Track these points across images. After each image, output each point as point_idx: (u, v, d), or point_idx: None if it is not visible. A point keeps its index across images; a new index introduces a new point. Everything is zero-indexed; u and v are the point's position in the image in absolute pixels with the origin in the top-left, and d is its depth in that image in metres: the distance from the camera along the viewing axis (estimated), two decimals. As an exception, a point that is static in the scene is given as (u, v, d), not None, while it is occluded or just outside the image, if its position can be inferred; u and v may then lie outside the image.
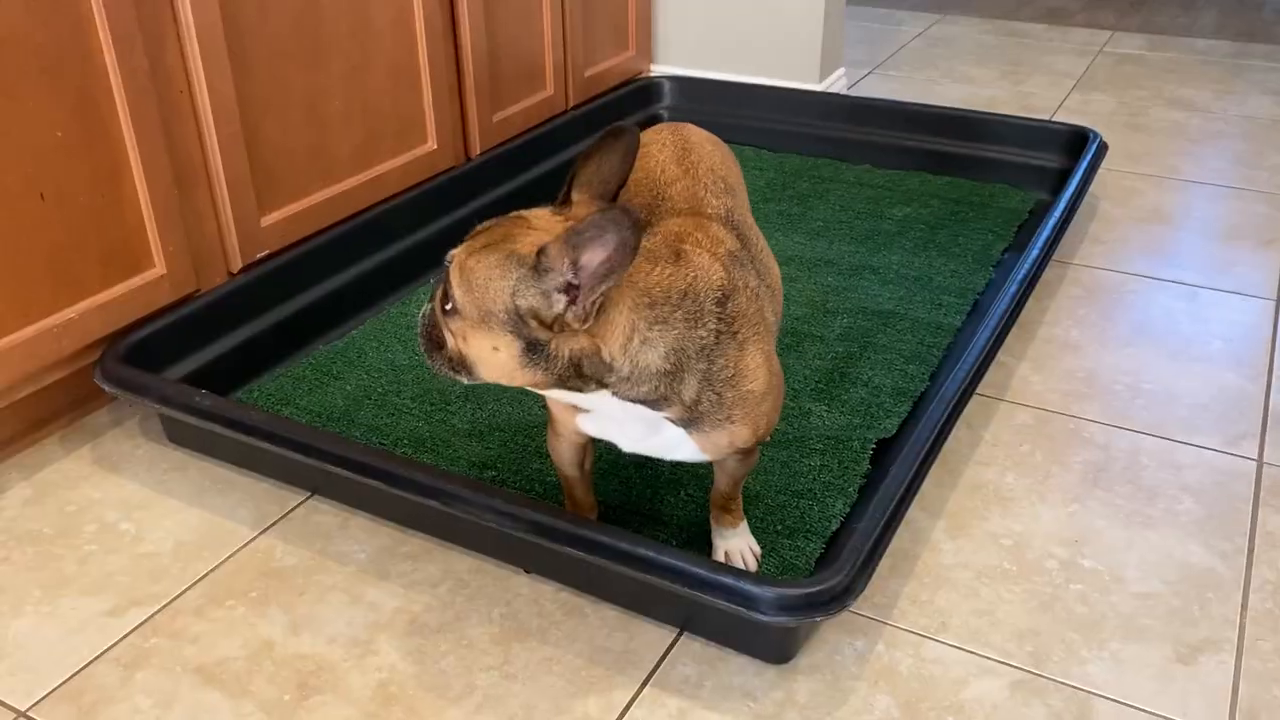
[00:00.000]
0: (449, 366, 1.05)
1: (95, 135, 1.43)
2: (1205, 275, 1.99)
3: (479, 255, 0.99)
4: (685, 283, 1.04)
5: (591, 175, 1.05)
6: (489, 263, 0.98)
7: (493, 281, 0.97)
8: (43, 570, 1.34)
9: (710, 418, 1.08)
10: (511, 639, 1.23)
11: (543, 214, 1.03)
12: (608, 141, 1.04)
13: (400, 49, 1.88)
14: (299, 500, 1.45)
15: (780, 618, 1.07)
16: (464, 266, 0.99)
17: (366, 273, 1.87)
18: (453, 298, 1.00)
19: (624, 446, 1.15)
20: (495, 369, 1.02)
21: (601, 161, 1.04)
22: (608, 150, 1.04)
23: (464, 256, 1.00)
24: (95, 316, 1.49)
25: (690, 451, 1.13)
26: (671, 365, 1.03)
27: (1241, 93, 2.93)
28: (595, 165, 1.04)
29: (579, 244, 0.93)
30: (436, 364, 1.06)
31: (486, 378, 1.04)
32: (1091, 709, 1.13)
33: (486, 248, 0.99)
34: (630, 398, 1.04)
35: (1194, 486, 1.45)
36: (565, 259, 0.94)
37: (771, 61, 2.64)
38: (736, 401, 1.08)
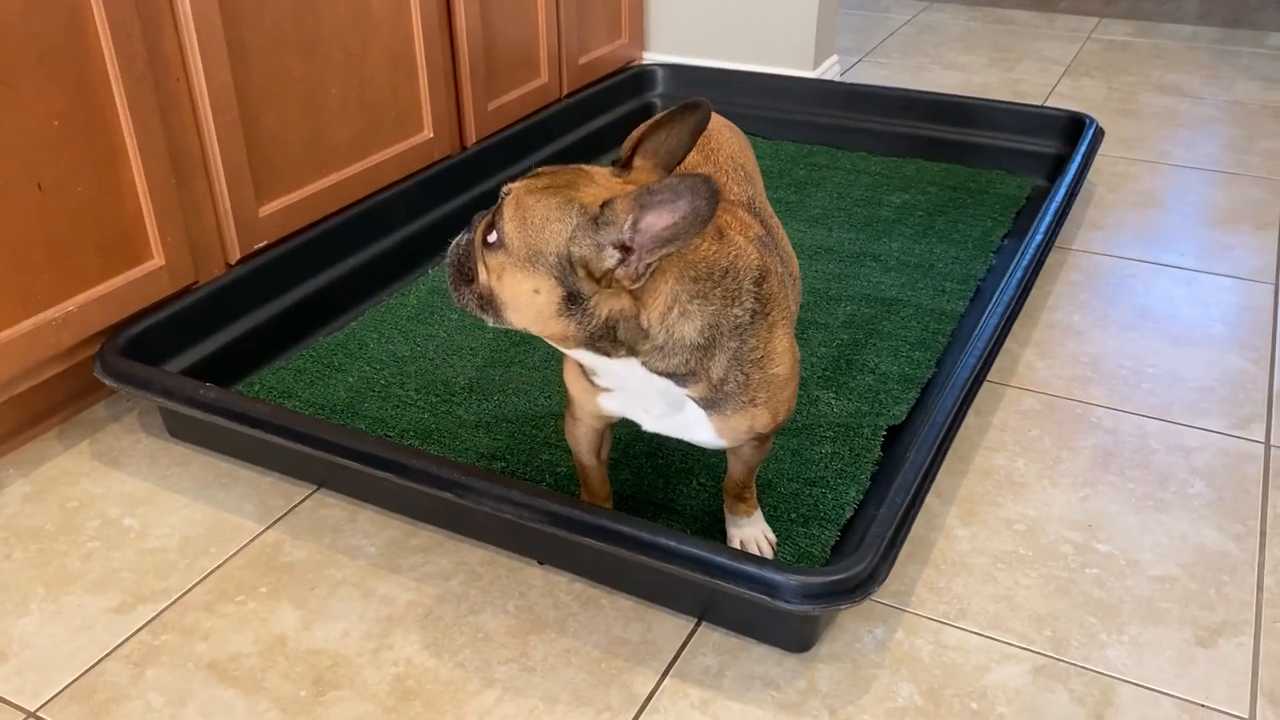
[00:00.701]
0: (476, 303, 1.03)
1: (93, 124, 1.40)
2: (1203, 259, 1.99)
3: (541, 194, 0.97)
4: (727, 260, 1.03)
5: (659, 144, 1.03)
6: (551, 203, 0.96)
7: (550, 222, 0.95)
8: (46, 567, 1.31)
9: (734, 399, 1.07)
10: (528, 631, 1.21)
11: (603, 172, 1.02)
12: (682, 113, 1.03)
13: (397, 37, 1.85)
14: (305, 494, 1.43)
15: (805, 606, 1.07)
16: (522, 201, 0.97)
17: (364, 263, 1.84)
18: (501, 231, 0.97)
19: (645, 425, 1.14)
20: (528, 314, 0.99)
21: (671, 132, 1.03)
22: (679, 122, 1.03)
23: (524, 192, 0.97)
24: (94, 309, 1.46)
25: (708, 435, 1.12)
26: (705, 340, 1.02)
27: (1228, 78, 2.95)
28: (664, 135, 1.03)
29: (648, 205, 0.92)
30: (464, 298, 1.04)
31: (513, 321, 1.01)
32: (1114, 693, 1.13)
33: (549, 189, 0.97)
34: (659, 369, 1.03)
35: (1204, 470, 1.45)
36: (629, 217, 0.93)
37: (765, 49, 2.63)
38: (762, 384, 1.08)
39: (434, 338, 1.73)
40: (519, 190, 0.98)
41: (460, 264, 1.04)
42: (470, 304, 1.03)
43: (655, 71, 2.58)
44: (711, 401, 1.08)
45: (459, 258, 1.04)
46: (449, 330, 1.75)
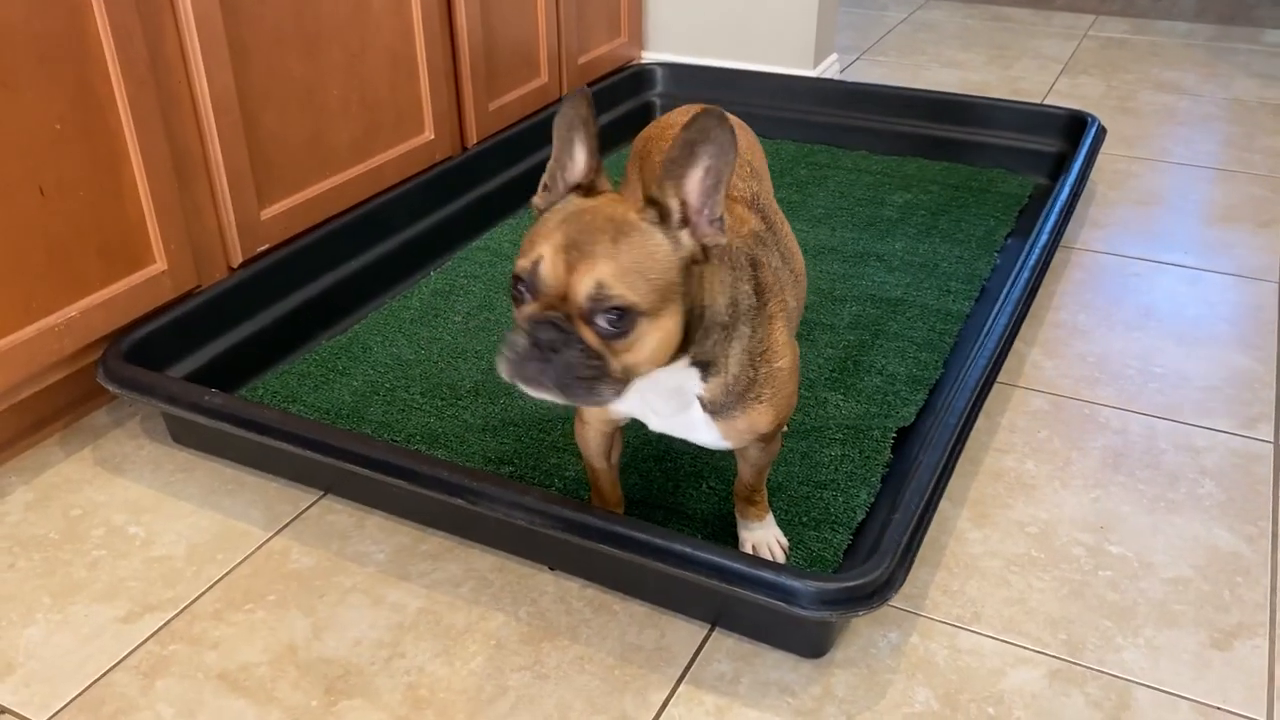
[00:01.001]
0: (613, 391, 0.95)
1: (94, 127, 1.39)
2: (1206, 258, 1.99)
3: (622, 250, 0.91)
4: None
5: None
6: (639, 245, 0.92)
7: (655, 256, 0.93)
8: (51, 576, 1.30)
9: (741, 398, 1.08)
10: (541, 638, 1.20)
11: (605, 197, 0.98)
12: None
13: (397, 36, 1.84)
14: (312, 500, 1.41)
15: (822, 612, 1.06)
16: (624, 272, 0.91)
17: (366, 266, 1.83)
18: (628, 310, 0.91)
19: (652, 425, 1.13)
20: (663, 354, 0.96)
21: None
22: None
23: (610, 270, 0.91)
24: (97, 314, 1.44)
25: (712, 436, 1.12)
26: (728, 317, 1.04)
27: (1226, 75, 2.95)
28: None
29: (676, 173, 0.93)
30: (602, 395, 0.95)
31: (643, 374, 0.97)
32: (1131, 697, 1.13)
33: (616, 240, 0.92)
34: (694, 356, 1.03)
35: (1213, 470, 1.45)
36: (671, 194, 0.94)
37: (765, 47, 2.62)
38: (767, 379, 1.08)
39: (438, 340, 1.71)
40: (605, 273, 0.90)
41: (584, 377, 0.93)
42: (607, 394, 0.95)
43: (654, 71, 2.57)
44: (720, 405, 1.08)
45: (578, 377, 0.93)
46: (452, 333, 1.73)
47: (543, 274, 0.92)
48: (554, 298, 0.92)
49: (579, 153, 0.98)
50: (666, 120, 1.39)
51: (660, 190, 0.94)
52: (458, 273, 1.91)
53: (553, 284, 0.92)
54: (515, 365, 0.94)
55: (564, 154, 0.99)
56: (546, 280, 0.92)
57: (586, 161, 0.99)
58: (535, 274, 0.92)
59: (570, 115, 0.97)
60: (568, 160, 0.99)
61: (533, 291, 0.93)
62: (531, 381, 0.94)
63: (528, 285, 0.94)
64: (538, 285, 0.93)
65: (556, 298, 0.92)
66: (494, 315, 1.78)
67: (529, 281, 0.93)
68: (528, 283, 0.93)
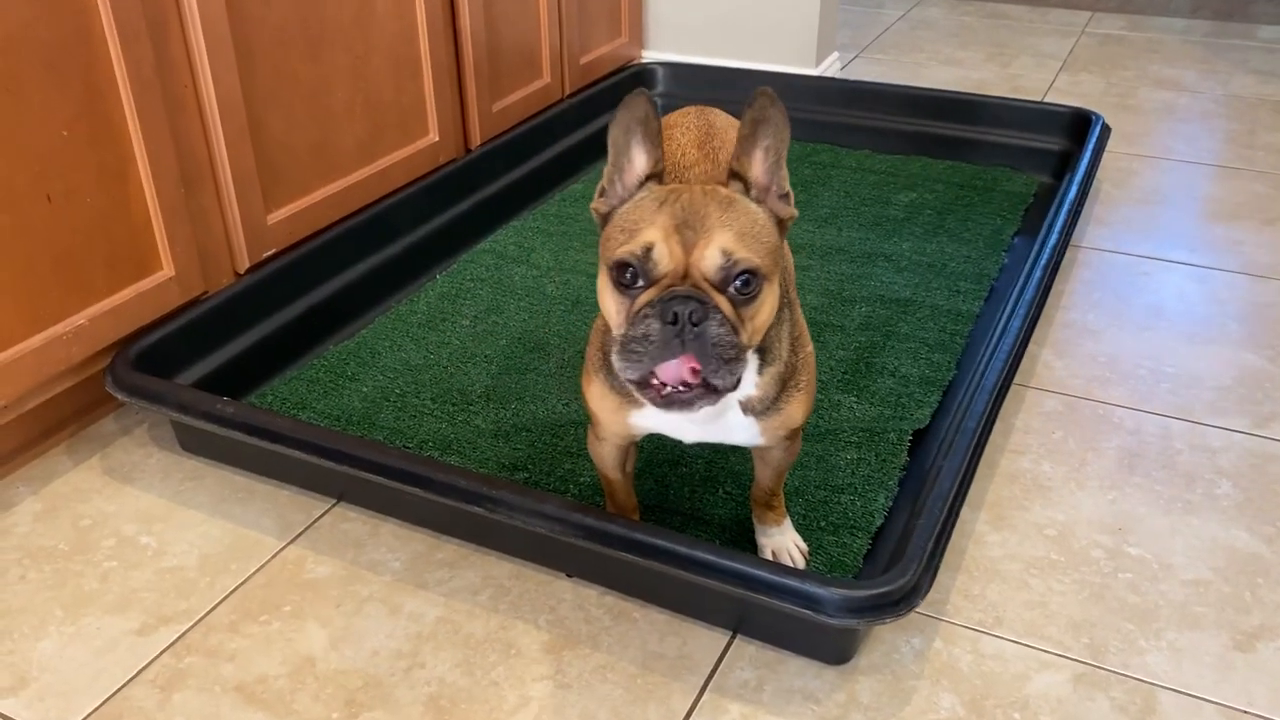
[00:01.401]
0: (742, 368, 0.94)
1: (101, 133, 1.37)
2: (1212, 256, 1.99)
3: (734, 218, 0.94)
4: None
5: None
6: (746, 212, 0.96)
7: (760, 222, 0.97)
8: (62, 588, 1.28)
9: (785, 387, 1.08)
10: (562, 647, 1.19)
11: (681, 185, 1.01)
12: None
13: (401, 37, 1.83)
14: (324, 508, 1.40)
15: (849, 620, 1.05)
16: (743, 236, 0.93)
17: (373, 270, 1.82)
18: (755, 272, 0.93)
19: (686, 438, 1.12)
20: (771, 318, 0.98)
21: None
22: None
23: (731, 237, 0.92)
24: (105, 321, 1.43)
25: (750, 434, 1.11)
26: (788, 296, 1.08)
27: (1225, 72, 2.95)
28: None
29: (747, 150, 0.97)
30: (737, 373, 0.94)
31: (755, 345, 0.98)
32: (1156, 701, 1.12)
33: (725, 210, 0.94)
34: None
35: (1229, 470, 1.45)
36: (751, 167, 0.98)
37: (767, 46, 2.61)
38: (804, 364, 1.10)
39: (446, 344, 1.70)
40: (718, 230, 0.93)
41: (726, 354, 0.92)
42: (739, 372, 0.94)
43: (655, 70, 2.56)
44: (763, 401, 1.07)
45: (717, 357, 0.91)
46: (461, 337, 1.72)
47: (658, 256, 0.93)
48: (674, 278, 0.93)
49: (637, 155, 1.00)
50: (666, 121, 1.38)
51: (739, 165, 0.98)
52: (463, 276, 1.90)
53: (670, 264, 0.93)
54: (654, 350, 0.91)
55: (621, 157, 1.00)
56: (663, 261, 0.93)
57: (646, 160, 1.00)
58: (649, 257, 0.93)
59: (626, 119, 0.98)
60: (626, 163, 1.00)
61: (647, 276, 0.93)
62: (670, 366, 0.91)
63: (640, 270, 0.93)
64: (653, 268, 0.93)
65: (676, 277, 0.92)
66: (501, 319, 1.77)
67: (641, 266, 0.93)
68: (639, 268, 0.93)
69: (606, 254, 0.98)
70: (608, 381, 1.10)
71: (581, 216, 2.10)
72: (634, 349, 0.93)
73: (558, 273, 1.90)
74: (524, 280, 1.88)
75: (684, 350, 0.92)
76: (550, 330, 1.74)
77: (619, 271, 0.95)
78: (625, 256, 0.94)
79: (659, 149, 1.00)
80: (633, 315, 0.94)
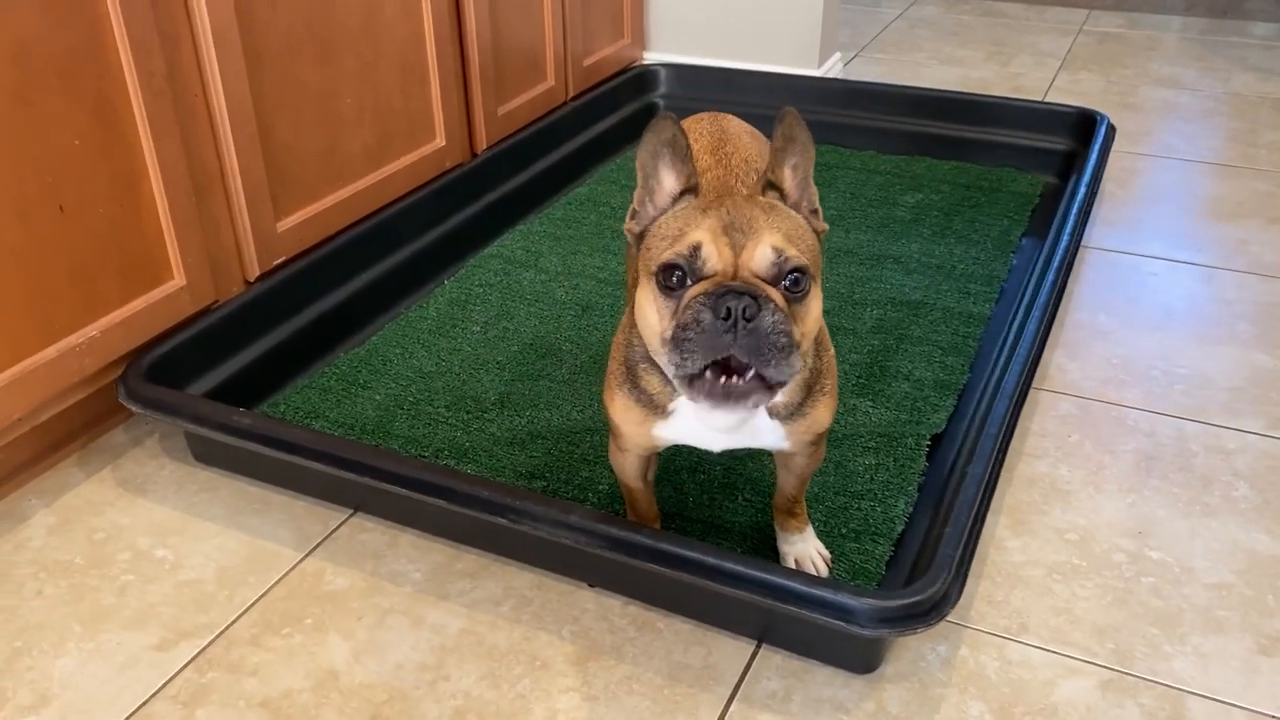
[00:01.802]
0: (799, 361, 0.93)
1: (113, 142, 1.36)
2: (1219, 256, 1.99)
3: (779, 221, 0.95)
4: None
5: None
6: (788, 217, 0.97)
7: (802, 227, 0.98)
8: (79, 604, 1.27)
9: (811, 391, 1.08)
10: (587, 658, 1.19)
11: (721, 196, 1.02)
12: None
13: (409, 42, 1.81)
14: (341, 518, 1.39)
15: (880, 630, 1.05)
16: (790, 238, 0.94)
17: (381, 276, 1.81)
18: (804, 271, 0.94)
19: (714, 447, 1.11)
20: (818, 322, 0.99)
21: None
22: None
23: (780, 237, 0.93)
24: (117, 333, 1.42)
25: (776, 438, 1.10)
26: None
27: (1224, 70, 2.96)
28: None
29: (780, 162, 0.98)
30: (793, 366, 0.92)
31: (806, 349, 0.98)
32: (1184, 707, 1.12)
33: (769, 214, 0.95)
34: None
35: (1246, 472, 1.45)
36: (787, 179, 0.99)
37: (769, 47, 2.61)
38: (828, 368, 1.10)
39: (458, 351, 1.69)
40: (766, 230, 0.93)
41: (778, 352, 0.91)
42: (795, 366, 0.92)
43: (658, 72, 2.55)
44: (791, 406, 1.07)
45: (771, 348, 0.90)
46: (472, 343, 1.71)
47: (706, 254, 0.93)
48: (724, 277, 0.93)
49: (666, 176, 1.00)
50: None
51: (775, 175, 0.99)
52: (472, 281, 1.89)
53: (720, 264, 0.93)
54: (706, 340, 0.90)
55: (651, 180, 1.01)
56: (711, 260, 0.93)
57: (676, 179, 1.00)
58: (698, 256, 0.93)
59: (654, 143, 0.99)
60: (655, 185, 1.01)
61: (695, 274, 0.94)
62: (721, 360, 0.90)
63: (688, 270, 0.94)
64: (701, 267, 0.93)
65: (726, 276, 0.93)
66: (512, 324, 1.76)
67: (689, 266, 0.93)
68: (688, 268, 0.94)
69: (649, 263, 0.97)
70: (631, 394, 1.10)
71: (587, 220, 2.09)
72: (685, 338, 0.90)
73: (566, 277, 1.90)
74: (533, 285, 1.87)
75: (735, 345, 0.90)
76: (561, 336, 1.73)
77: (665, 275, 0.94)
78: (672, 258, 0.94)
79: (689, 166, 1.00)
80: (681, 309, 0.92)
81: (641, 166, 1.00)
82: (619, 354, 1.12)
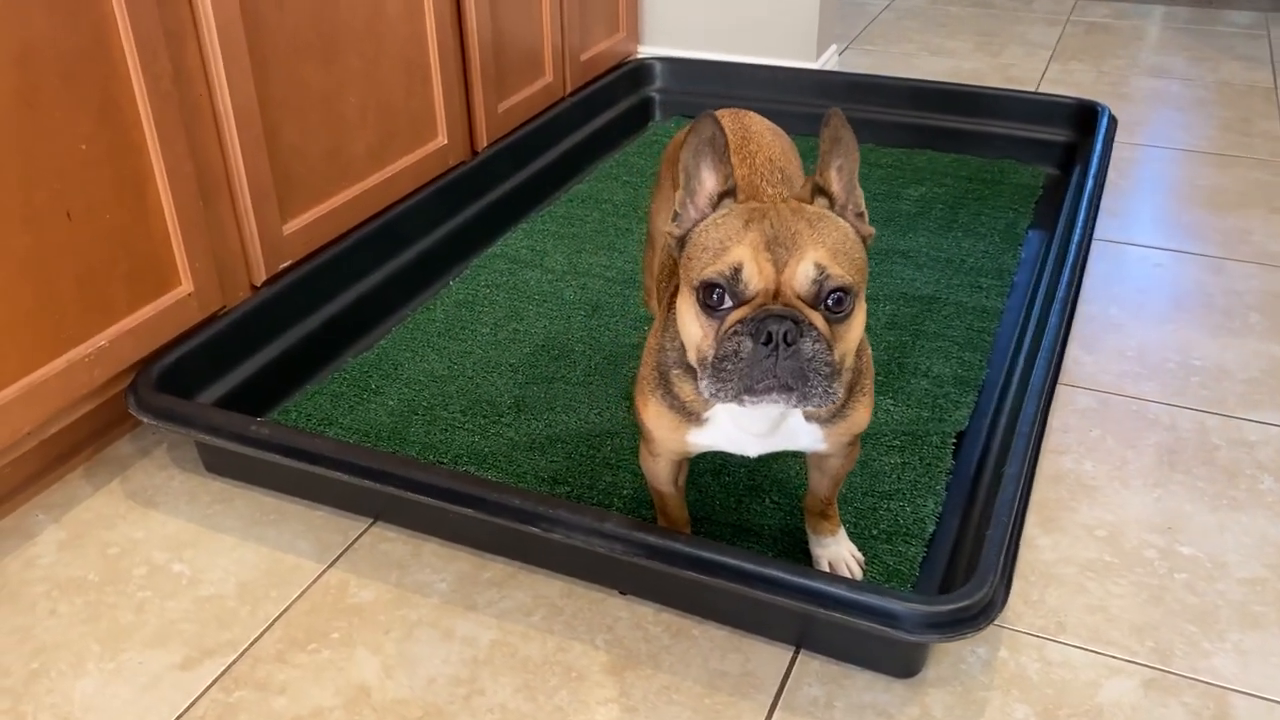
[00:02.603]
0: (840, 385, 0.92)
1: (119, 146, 1.32)
2: (1225, 246, 2.00)
3: (824, 234, 0.92)
4: None
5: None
6: (835, 228, 0.94)
7: (850, 238, 0.95)
8: (97, 622, 1.24)
9: (851, 393, 1.06)
10: (624, 668, 1.17)
11: (764, 201, 0.99)
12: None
13: (411, 41, 1.78)
14: (362, 528, 1.36)
15: (928, 636, 1.03)
16: (834, 254, 0.91)
17: (387, 278, 1.77)
18: (848, 290, 0.91)
19: (750, 451, 1.09)
20: (860, 336, 0.97)
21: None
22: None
23: (824, 254, 0.90)
24: (126, 341, 1.38)
25: (814, 439, 1.08)
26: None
27: (1213, 59, 2.97)
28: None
29: (829, 162, 0.95)
30: (835, 391, 0.91)
31: (848, 366, 0.98)
32: (1228, 705, 1.12)
33: (814, 226, 0.92)
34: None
35: (1270, 465, 1.45)
36: (834, 182, 0.96)
37: (766, 40, 2.59)
38: (866, 368, 1.09)
39: (469, 354, 1.66)
40: (809, 247, 0.90)
41: (820, 377, 0.90)
42: (837, 391, 0.91)
43: (653, 66, 2.52)
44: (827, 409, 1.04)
45: (813, 373, 0.90)
46: (483, 345, 1.68)
47: (748, 275, 0.91)
48: (765, 297, 0.91)
49: (707, 176, 0.98)
50: None
51: (823, 179, 0.97)
52: (478, 282, 1.86)
53: (761, 284, 0.91)
54: (745, 367, 0.90)
55: (692, 180, 0.98)
56: (753, 281, 0.91)
57: (716, 179, 0.98)
58: (739, 278, 0.91)
59: (696, 142, 0.97)
60: (697, 186, 0.98)
61: (736, 296, 0.92)
62: (764, 384, 0.90)
63: (729, 291, 0.92)
64: (743, 289, 0.91)
65: (767, 296, 0.90)
66: (522, 326, 1.73)
67: (730, 288, 0.91)
68: (728, 288, 0.92)
69: (690, 275, 0.95)
70: (665, 400, 1.08)
71: (589, 218, 2.07)
72: (725, 368, 0.91)
73: (573, 276, 1.87)
74: (539, 285, 1.85)
75: (776, 370, 0.89)
76: (572, 337, 1.70)
77: (705, 293, 0.93)
78: (713, 277, 0.92)
79: (729, 166, 0.98)
80: (722, 335, 0.91)
81: (684, 167, 0.98)
82: (651, 359, 1.10)
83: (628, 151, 2.35)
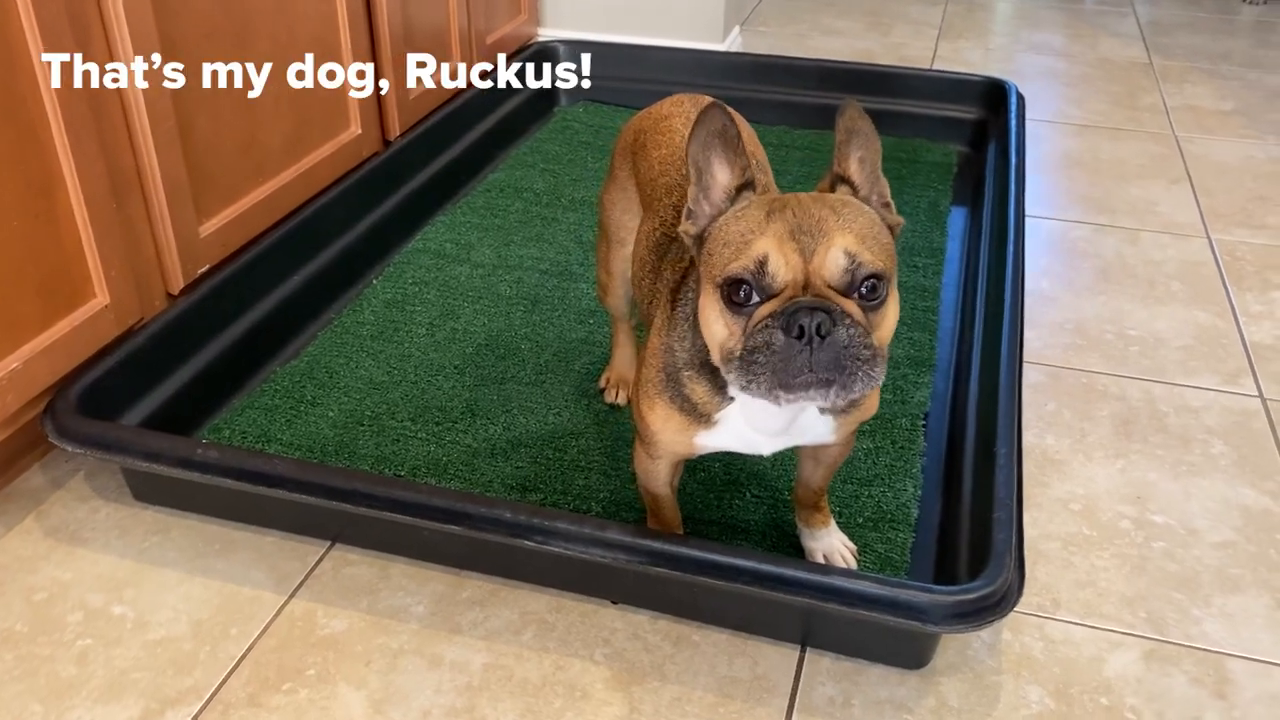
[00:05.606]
0: (881, 371, 0.88)
1: (26, 145, 1.18)
2: (1136, 217, 2.06)
3: (851, 221, 0.88)
4: None
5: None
6: (861, 214, 0.89)
7: (876, 224, 0.90)
8: (34, 679, 1.11)
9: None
10: (628, 681, 1.11)
11: (784, 193, 0.95)
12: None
13: (323, 24, 1.66)
14: (319, 552, 1.26)
15: (955, 627, 1.01)
16: (863, 239, 0.87)
17: (308, 279, 1.66)
18: (880, 276, 0.87)
19: (765, 450, 1.05)
20: (893, 328, 0.92)
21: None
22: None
23: (853, 240, 0.86)
24: (40, 363, 1.24)
25: (825, 431, 1.05)
26: None
27: (1090, 36, 3.07)
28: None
29: (847, 153, 0.92)
30: (876, 377, 0.87)
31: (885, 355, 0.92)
32: (1225, 669, 1.13)
33: (839, 214, 0.88)
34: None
35: (1217, 429, 1.49)
36: (856, 171, 0.93)
37: (670, 21, 2.54)
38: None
39: (408, 357, 1.57)
40: (837, 234, 0.86)
41: (860, 364, 0.86)
42: (878, 377, 0.88)
43: (557, 48, 2.44)
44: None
45: (852, 360, 0.86)
46: (421, 347, 1.59)
47: (774, 268, 0.86)
48: (794, 289, 0.86)
49: (719, 169, 0.93)
50: (659, 111, 1.30)
51: (842, 168, 0.93)
52: (404, 279, 1.76)
53: (789, 275, 0.86)
54: (778, 361, 0.85)
55: (705, 175, 0.93)
56: (780, 273, 0.86)
57: (730, 171, 0.92)
58: (765, 271, 0.86)
59: (703, 134, 0.91)
60: (710, 180, 0.93)
61: (764, 291, 0.87)
62: (800, 380, 0.85)
63: (755, 285, 0.87)
64: (770, 282, 0.86)
65: (796, 288, 0.86)
66: (460, 325, 1.65)
67: (757, 282, 0.86)
68: (754, 283, 0.87)
69: (711, 272, 0.90)
70: (674, 402, 1.03)
71: (512, 208, 1.99)
72: (756, 359, 0.86)
73: (505, 270, 1.79)
74: (471, 280, 1.76)
75: (811, 364, 0.85)
76: (515, 334, 1.63)
77: (731, 289, 0.87)
78: (739, 273, 0.87)
79: (744, 158, 0.93)
80: (750, 330, 0.86)
81: (694, 162, 0.92)
82: (656, 360, 1.04)
83: (539, 138, 2.28)
